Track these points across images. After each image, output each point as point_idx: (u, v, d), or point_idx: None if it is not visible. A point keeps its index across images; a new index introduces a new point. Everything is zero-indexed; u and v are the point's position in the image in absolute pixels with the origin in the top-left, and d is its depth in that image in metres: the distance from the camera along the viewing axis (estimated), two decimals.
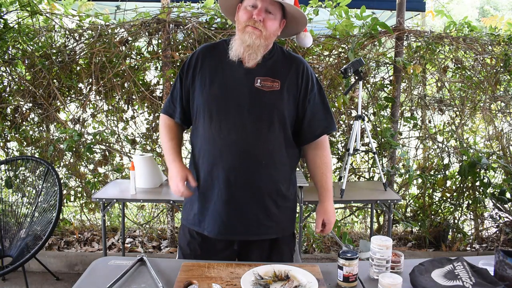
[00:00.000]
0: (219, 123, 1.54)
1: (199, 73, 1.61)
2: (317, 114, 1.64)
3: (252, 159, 1.54)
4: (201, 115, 1.59)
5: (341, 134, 3.42)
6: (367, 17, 3.11)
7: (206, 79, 1.59)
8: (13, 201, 2.91)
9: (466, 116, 3.45)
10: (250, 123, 1.53)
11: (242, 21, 1.52)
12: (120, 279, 1.32)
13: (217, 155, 1.55)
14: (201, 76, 1.60)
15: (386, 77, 3.40)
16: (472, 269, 1.31)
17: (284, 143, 1.59)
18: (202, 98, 1.58)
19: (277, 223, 1.62)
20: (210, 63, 1.61)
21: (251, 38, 1.49)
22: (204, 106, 1.57)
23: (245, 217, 1.58)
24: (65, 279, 3.07)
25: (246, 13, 1.51)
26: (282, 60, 1.61)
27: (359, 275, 1.34)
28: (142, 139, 3.41)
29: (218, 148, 1.54)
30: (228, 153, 1.53)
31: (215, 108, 1.56)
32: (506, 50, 3.29)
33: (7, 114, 3.34)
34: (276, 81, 1.56)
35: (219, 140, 1.54)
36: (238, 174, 1.54)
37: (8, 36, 3.18)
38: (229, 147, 1.53)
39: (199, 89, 1.60)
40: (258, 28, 1.49)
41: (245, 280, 1.27)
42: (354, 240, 3.46)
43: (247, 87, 1.55)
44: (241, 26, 1.52)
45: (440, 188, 3.45)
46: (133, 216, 3.71)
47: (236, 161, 1.53)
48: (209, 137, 1.56)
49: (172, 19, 3.11)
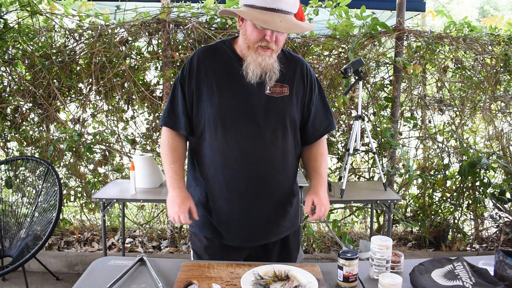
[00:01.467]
0: (235, 135, 1.50)
1: (203, 80, 1.53)
2: (319, 114, 1.65)
3: (270, 167, 1.54)
4: (211, 126, 1.51)
5: (341, 134, 3.42)
6: (367, 17, 3.11)
7: (213, 87, 1.51)
8: (13, 201, 2.91)
9: (466, 116, 3.45)
10: (266, 132, 1.52)
11: (253, 40, 1.44)
12: (120, 279, 1.32)
13: (236, 167, 1.52)
14: (206, 84, 1.52)
15: (386, 77, 3.40)
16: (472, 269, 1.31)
17: (294, 145, 1.61)
18: (212, 108, 1.51)
19: (290, 219, 1.67)
20: (214, 68, 1.53)
21: (264, 60, 1.45)
22: (216, 117, 1.50)
23: (266, 223, 1.59)
24: (65, 279, 3.07)
25: (257, 33, 1.43)
26: (285, 63, 1.58)
27: (359, 275, 1.34)
28: (142, 139, 3.41)
29: (236, 160, 1.51)
30: (247, 164, 1.51)
31: (229, 119, 1.50)
32: (506, 50, 3.29)
33: (7, 114, 3.34)
34: (285, 86, 1.55)
35: (236, 152, 1.50)
36: (258, 183, 1.54)
37: (8, 36, 3.18)
38: (248, 158, 1.51)
39: (206, 98, 1.52)
40: (271, 48, 1.45)
41: (245, 280, 1.27)
42: (354, 240, 3.46)
43: (259, 95, 1.51)
44: (253, 47, 1.45)
45: (440, 188, 3.45)
46: (133, 216, 3.71)
47: (256, 171, 1.53)
48: (225, 149, 1.51)
49: (172, 19, 3.11)
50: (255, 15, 1.39)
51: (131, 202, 3.37)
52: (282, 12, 1.40)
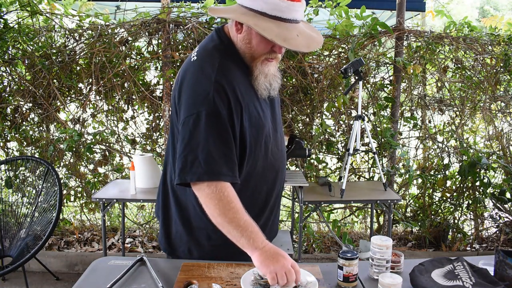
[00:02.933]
0: (271, 152, 1.42)
1: (242, 105, 1.30)
2: None
3: (283, 176, 1.56)
4: (257, 149, 1.37)
5: (341, 134, 3.42)
6: (367, 17, 3.11)
7: (248, 109, 1.33)
8: (13, 201, 2.91)
9: (466, 116, 3.45)
10: (281, 141, 1.52)
11: (261, 53, 1.31)
12: (120, 279, 1.32)
13: (271, 183, 1.47)
14: (245, 107, 1.31)
15: (386, 77, 3.40)
16: (472, 269, 1.31)
17: None
18: (254, 131, 1.34)
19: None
20: (241, 89, 1.31)
21: (270, 70, 1.36)
22: (258, 138, 1.36)
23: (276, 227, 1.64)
24: (65, 279, 3.07)
25: (265, 45, 1.29)
26: None
27: (359, 275, 1.34)
28: (142, 139, 3.41)
29: (271, 177, 1.46)
30: (277, 178, 1.50)
31: (267, 136, 1.39)
32: (506, 50, 3.29)
33: (7, 114, 3.34)
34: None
35: (272, 168, 1.45)
36: (279, 195, 1.57)
37: (8, 36, 3.18)
38: (277, 171, 1.49)
39: (249, 122, 1.33)
40: (277, 58, 1.37)
41: (245, 280, 1.27)
42: (354, 240, 3.46)
43: (269, 104, 1.44)
44: (260, 58, 1.32)
45: (440, 188, 3.45)
46: (133, 216, 3.71)
47: (281, 183, 1.54)
48: (264, 169, 1.42)
49: (172, 19, 3.11)
50: (269, 27, 1.21)
51: (131, 202, 3.37)
52: (295, 22, 1.26)
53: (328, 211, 3.45)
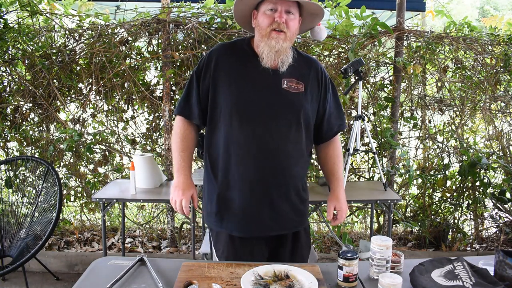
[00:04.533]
0: (253, 126, 1.53)
1: (220, 73, 1.56)
2: (333, 113, 1.71)
3: (284, 159, 1.57)
4: (228, 118, 1.55)
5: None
6: (367, 17, 3.11)
7: (230, 80, 1.55)
8: (13, 201, 2.91)
9: (466, 116, 3.45)
10: (281, 125, 1.55)
11: (265, 26, 1.50)
12: (120, 279, 1.32)
13: (251, 158, 1.55)
14: (224, 76, 1.56)
15: (386, 77, 3.40)
16: (472, 269, 1.31)
17: (306, 143, 1.64)
18: (230, 100, 1.54)
19: (302, 216, 1.70)
20: (232, 62, 1.58)
21: (278, 43, 1.49)
22: (233, 108, 1.54)
23: (278, 215, 1.62)
24: (65, 279, 3.07)
25: (267, 18, 1.49)
26: (300, 61, 1.62)
27: (359, 275, 1.34)
28: (142, 139, 3.41)
29: (251, 151, 1.54)
30: (262, 156, 1.55)
31: (246, 111, 1.53)
32: (506, 50, 3.29)
33: (7, 114, 3.34)
34: (300, 83, 1.59)
35: (252, 143, 1.54)
36: (271, 175, 1.57)
37: (8, 36, 3.18)
38: (263, 149, 1.54)
39: (223, 90, 1.56)
40: (283, 30, 1.49)
41: (245, 280, 1.27)
42: (354, 240, 3.46)
43: (276, 89, 1.55)
44: (265, 32, 1.50)
45: (440, 188, 3.45)
46: (133, 216, 3.71)
47: (270, 163, 1.56)
48: (240, 140, 1.54)
49: (172, 19, 3.11)
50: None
51: (131, 202, 3.37)
52: None
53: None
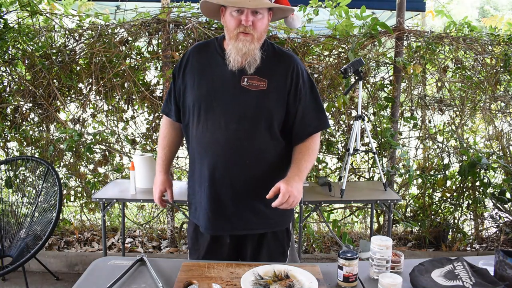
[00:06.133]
0: (206, 122, 1.57)
1: (189, 71, 1.63)
2: (308, 113, 1.64)
3: (235, 158, 1.56)
4: (191, 114, 1.62)
5: (341, 134, 3.42)
6: (367, 17, 3.11)
7: (194, 78, 1.61)
8: (13, 201, 2.91)
9: (466, 116, 3.45)
10: (234, 122, 1.54)
11: (232, 28, 1.50)
12: (120, 279, 1.32)
13: (204, 154, 1.59)
14: (190, 75, 1.63)
15: (386, 77, 3.40)
16: (472, 269, 1.31)
17: (272, 142, 1.60)
18: (192, 97, 1.61)
19: (266, 219, 1.64)
20: (200, 61, 1.63)
21: (245, 45, 1.48)
22: (193, 105, 1.60)
23: (231, 215, 1.61)
24: (65, 279, 3.07)
25: (234, 20, 1.49)
26: (271, 58, 1.58)
27: (359, 275, 1.34)
28: (142, 139, 3.41)
29: (204, 147, 1.58)
30: (213, 152, 1.56)
31: (203, 107, 1.58)
32: (506, 50, 3.29)
33: (7, 114, 3.34)
34: (263, 80, 1.56)
35: (205, 139, 1.58)
36: (223, 173, 1.57)
37: (8, 36, 3.18)
38: (214, 146, 1.56)
39: (188, 88, 1.63)
40: (250, 32, 1.48)
41: (245, 280, 1.27)
42: (354, 240, 3.46)
43: (233, 86, 1.56)
44: (232, 34, 1.51)
45: (440, 188, 3.45)
46: (133, 216, 3.71)
47: (220, 160, 1.56)
48: (198, 136, 1.60)
49: (172, 19, 3.11)
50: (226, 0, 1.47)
51: (131, 202, 3.37)
52: None
53: (328, 211, 3.45)
